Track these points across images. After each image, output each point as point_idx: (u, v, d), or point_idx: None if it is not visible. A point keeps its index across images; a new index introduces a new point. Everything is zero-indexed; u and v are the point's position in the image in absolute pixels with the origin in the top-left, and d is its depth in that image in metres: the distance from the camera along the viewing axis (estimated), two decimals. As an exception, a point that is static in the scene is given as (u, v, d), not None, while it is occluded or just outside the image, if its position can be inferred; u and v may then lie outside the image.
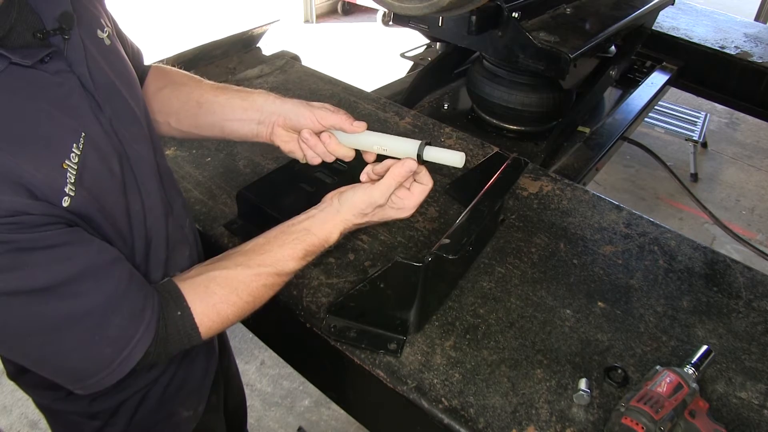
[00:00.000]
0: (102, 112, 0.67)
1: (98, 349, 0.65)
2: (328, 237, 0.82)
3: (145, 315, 0.67)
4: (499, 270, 1.01)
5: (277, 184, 1.07)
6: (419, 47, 2.52)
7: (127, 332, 0.66)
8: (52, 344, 0.63)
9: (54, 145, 0.60)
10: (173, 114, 0.93)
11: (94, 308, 0.63)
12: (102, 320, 0.64)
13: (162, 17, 5.14)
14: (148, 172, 0.75)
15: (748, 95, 2.16)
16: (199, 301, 0.73)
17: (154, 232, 0.77)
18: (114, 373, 0.66)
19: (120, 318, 0.65)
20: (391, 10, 1.27)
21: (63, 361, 0.65)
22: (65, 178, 0.60)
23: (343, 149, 0.90)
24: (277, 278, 0.79)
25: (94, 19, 0.72)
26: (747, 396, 0.82)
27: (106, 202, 0.66)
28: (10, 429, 2.00)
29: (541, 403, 0.79)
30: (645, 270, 1.02)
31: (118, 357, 0.66)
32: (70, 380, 0.68)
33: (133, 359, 0.67)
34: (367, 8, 5.44)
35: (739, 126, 4.14)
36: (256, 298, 0.77)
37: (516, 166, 1.01)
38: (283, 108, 0.91)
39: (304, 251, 0.80)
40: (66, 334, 0.62)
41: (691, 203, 3.23)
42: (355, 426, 2.03)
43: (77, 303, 0.62)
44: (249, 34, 1.68)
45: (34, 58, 0.59)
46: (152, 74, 0.96)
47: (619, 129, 1.85)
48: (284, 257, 0.79)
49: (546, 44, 1.40)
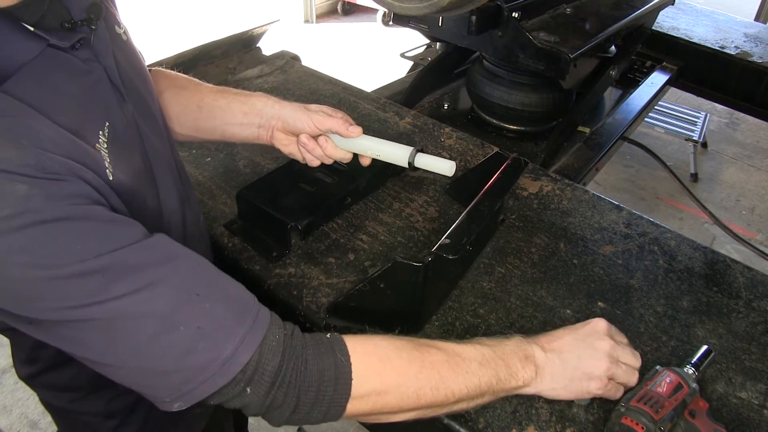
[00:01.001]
0: (125, 103, 0.68)
1: (199, 346, 0.56)
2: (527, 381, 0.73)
3: (249, 311, 0.61)
4: (499, 270, 1.01)
5: (276, 184, 1.07)
6: (419, 47, 2.52)
7: (230, 329, 0.58)
8: (165, 335, 0.56)
9: (87, 128, 0.59)
10: (174, 118, 0.93)
11: (201, 287, 0.58)
12: (203, 310, 0.57)
13: (162, 17, 5.13)
14: (164, 167, 0.75)
15: (748, 95, 2.16)
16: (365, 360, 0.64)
17: (171, 228, 0.77)
18: (213, 378, 0.57)
19: (221, 307, 0.58)
20: (391, 10, 1.27)
21: (166, 363, 0.56)
22: (102, 157, 0.59)
23: (340, 152, 0.92)
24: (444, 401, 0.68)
25: (112, 16, 0.73)
26: (747, 396, 0.82)
27: (128, 193, 0.65)
28: (10, 429, 2.00)
29: (541, 403, 0.79)
30: (645, 270, 1.02)
31: (218, 357, 0.57)
32: (157, 388, 0.59)
33: (239, 362, 0.57)
34: (367, 8, 5.44)
35: (739, 126, 4.14)
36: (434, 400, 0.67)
37: (516, 166, 1.01)
38: (282, 112, 0.91)
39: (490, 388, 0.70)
40: (176, 327, 0.56)
41: (691, 203, 3.23)
42: (355, 426, 2.03)
43: (186, 279, 0.58)
44: (249, 34, 1.68)
45: (70, 41, 0.60)
46: (153, 78, 0.96)
47: (619, 129, 1.85)
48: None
49: (546, 44, 1.39)
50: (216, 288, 0.61)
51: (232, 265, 1.01)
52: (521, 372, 0.71)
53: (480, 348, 0.71)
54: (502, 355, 0.71)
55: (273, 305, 0.96)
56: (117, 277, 0.53)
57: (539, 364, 0.73)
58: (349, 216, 1.10)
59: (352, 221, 1.09)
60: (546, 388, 0.74)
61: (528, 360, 0.72)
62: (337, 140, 0.91)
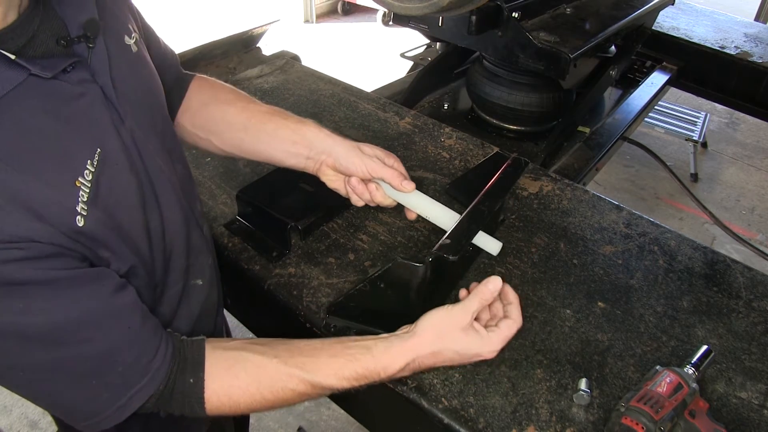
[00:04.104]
0: (123, 124, 0.65)
1: (95, 394, 0.62)
2: (388, 365, 0.72)
3: (151, 366, 0.65)
4: (499, 270, 1.01)
5: (277, 184, 1.07)
6: (419, 47, 2.52)
7: (129, 381, 0.63)
8: (44, 383, 0.61)
9: (67, 162, 0.57)
10: (217, 133, 0.91)
11: (94, 355, 0.61)
12: (102, 367, 0.62)
13: (162, 17, 5.13)
14: (167, 185, 0.73)
15: (748, 95, 2.16)
16: (218, 378, 0.68)
17: (174, 244, 0.75)
18: (108, 419, 0.64)
19: (123, 366, 0.63)
20: (391, 10, 1.27)
21: (56, 400, 0.63)
22: (77, 197, 0.57)
23: (388, 200, 0.91)
24: (311, 388, 0.71)
25: (122, 25, 0.70)
26: (747, 396, 0.82)
27: (123, 220, 0.64)
28: (10, 429, 2.00)
29: (541, 403, 0.79)
30: (645, 270, 1.02)
31: (114, 404, 0.63)
32: (64, 417, 0.66)
33: (130, 408, 0.64)
34: (367, 8, 5.44)
35: (739, 126, 4.14)
36: (278, 399, 0.70)
37: (516, 166, 1.01)
38: (334, 150, 0.89)
39: (354, 372, 0.71)
40: (60, 375, 0.60)
41: (691, 203, 3.23)
42: (355, 426, 2.03)
43: (75, 349, 0.59)
44: (249, 34, 1.68)
45: (56, 69, 0.57)
46: (196, 86, 0.93)
47: (619, 129, 1.85)
48: (328, 370, 0.71)
49: (546, 44, 1.39)
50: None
51: (232, 265, 1.01)
52: (386, 355, 0.73)
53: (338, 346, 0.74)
54: (365, 346, 0.74)
55: (273, 305, 0.96)
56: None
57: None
58: (349, 216, 1.10)
59: (352, 221, 1.09)
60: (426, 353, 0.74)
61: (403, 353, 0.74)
62: (387, 189, 0.91)
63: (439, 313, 0.76)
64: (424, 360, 0.74)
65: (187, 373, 0.67)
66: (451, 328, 0.75)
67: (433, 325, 0.75)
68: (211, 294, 0.87)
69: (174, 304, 0.79)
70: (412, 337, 0.74)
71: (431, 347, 0.74)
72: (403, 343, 0.74)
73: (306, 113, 1.43)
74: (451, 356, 0.75)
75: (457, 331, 0.74)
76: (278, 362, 0.70)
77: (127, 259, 0.65)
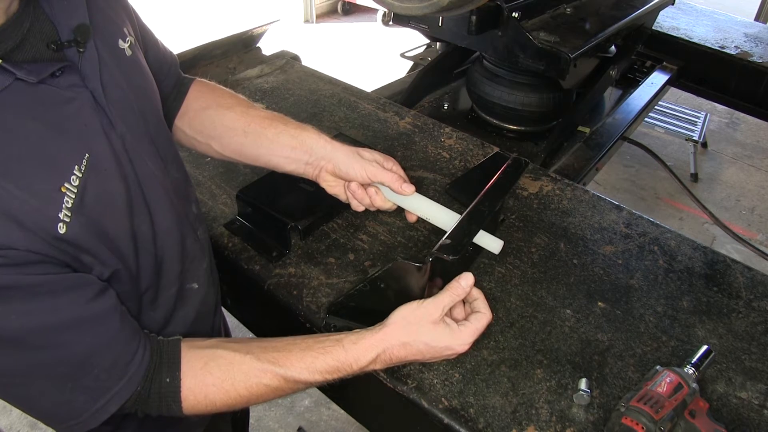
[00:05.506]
0: (114, 129, 0.64)
1: (71, 397, 0.62)
2: (359, 356, 0.73)
3: (128, 369, 0.65)
4: (499, 270, 1.01)
5: (277, 184, 1.07)
6: (419, 47, 2.52)
7: (105, 384, 0.64)
8: (19, 387, 0.61)
9: (53, 168, 0.57)
10: (216, 138, 0.91)
11: (71, 359, 0.61)
12: (78, 371, 0.62)
13: (162, 17, 5.13)
14: (159, 190, 0.72)
15: (748, 95, 2.16)
16: (193, 376, 0.69)
17: (165, 249, 0.75)
18: (85, 422, 0.64)
19: (99, 370, 0.63)
20: (391, 10, 1.27)
21: (32, 404, 0.63)
22: (61, 203, 0.57)
23: (388, 204, 0.92)
24: (284, 383, 0.71)
25: (116, 29, 0.69)
26: (747, 396, 0.82)
27: (109, 226, 0.63)
28: (10, 429, 2.00)
29: (541, 403, 0.79)
30: (645, 270, 1.02)
31: (91, 407, 0.63)
32: (41, 420, 0.66)
33: (108, 411, 0.64)
34: (367, 8, 5.45)
35: (739, 126, 4.14)
36: (252, 395, 0.71)
37: (516, 166, 1.01)
38: (334, 156, 0.90)
39: (325, 365, 0.72)
40: (36, 379, 0.60)
41: (691, 203, 3.23)
42: (355, 426, 2.03)
43: (51, 353, 0.59)
44: (249, 34, 1.68)
45: (43, 74, 0.56)
46: (196, 90, 0.93)
47: (619, 129, 1.85)
48: (301, 364, 0.71)
49: (546, 44, 1.40)
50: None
51: (232, 265, 1.01)
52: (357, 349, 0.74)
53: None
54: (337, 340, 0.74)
55: (273, 305, 0.96)
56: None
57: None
58: (349, 216, 1.10)
59: (352, 221, 1.09)
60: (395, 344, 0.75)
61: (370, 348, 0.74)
62: (387, 193, 0.91)
63: (410, 306, 0.77)
64: (394, 351, 0.74)
65: (164, 372, 0.68)
66: (421, 320, 0.75)
67: (404, 316, 0.76)
68: (207, 297, 0.87)
69: (169, 307, 0.79)
70: (382, 328, 0.75)
71: (400, 338, 0.74)
72: (372, 335, 0.74)
73: (306, 113, 1.43)
74: (422, 348, 0.75)
75: (427, 323, 0.75)
76: (251, 358, 0.70)
77: (110, 264, 0.65)
